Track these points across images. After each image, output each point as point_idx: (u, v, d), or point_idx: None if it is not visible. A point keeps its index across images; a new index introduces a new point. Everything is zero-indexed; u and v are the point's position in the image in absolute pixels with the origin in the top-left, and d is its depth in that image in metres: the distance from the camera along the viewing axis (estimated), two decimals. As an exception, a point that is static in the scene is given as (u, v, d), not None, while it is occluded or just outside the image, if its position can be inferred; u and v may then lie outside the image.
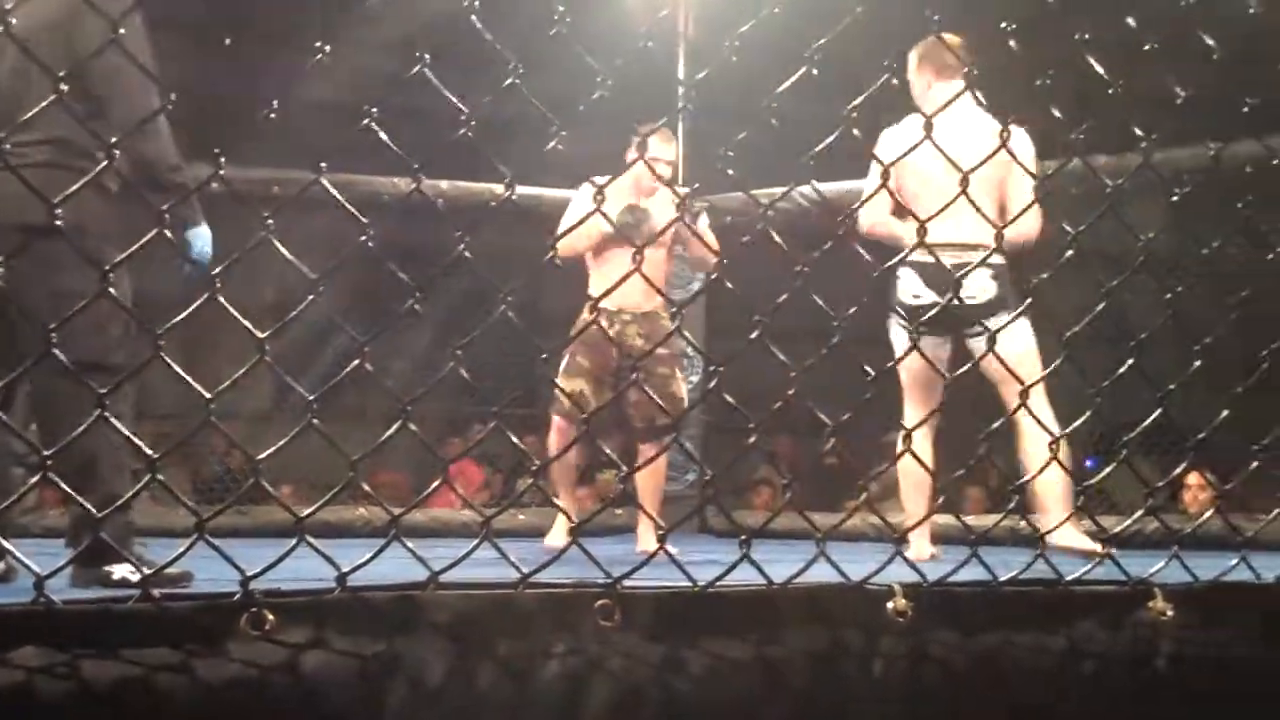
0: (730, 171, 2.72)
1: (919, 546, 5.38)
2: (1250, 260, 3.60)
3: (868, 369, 2.72)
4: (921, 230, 2.93)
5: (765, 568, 2.58)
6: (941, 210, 3.00)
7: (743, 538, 2.60)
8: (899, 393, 5.45)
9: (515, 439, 2.67)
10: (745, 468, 9.02)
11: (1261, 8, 3.37)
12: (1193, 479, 7.73)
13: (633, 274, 2.65)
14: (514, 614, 2.34)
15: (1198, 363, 3.12)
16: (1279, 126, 3.75)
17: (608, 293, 2.96)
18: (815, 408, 2.72)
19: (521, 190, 5.97)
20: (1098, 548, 3.11)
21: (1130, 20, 3.19)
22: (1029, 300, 4.82)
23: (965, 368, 3.39)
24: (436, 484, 2.52)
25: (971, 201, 3.01)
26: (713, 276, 5.21)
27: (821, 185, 3.29)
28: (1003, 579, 2.79)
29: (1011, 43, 3.15)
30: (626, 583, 2.45)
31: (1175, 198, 3.16)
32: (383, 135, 2.29)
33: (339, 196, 2.30)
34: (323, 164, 2.34)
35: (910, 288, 5.43)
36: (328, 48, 2.37)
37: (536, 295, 6.64)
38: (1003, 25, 3.00)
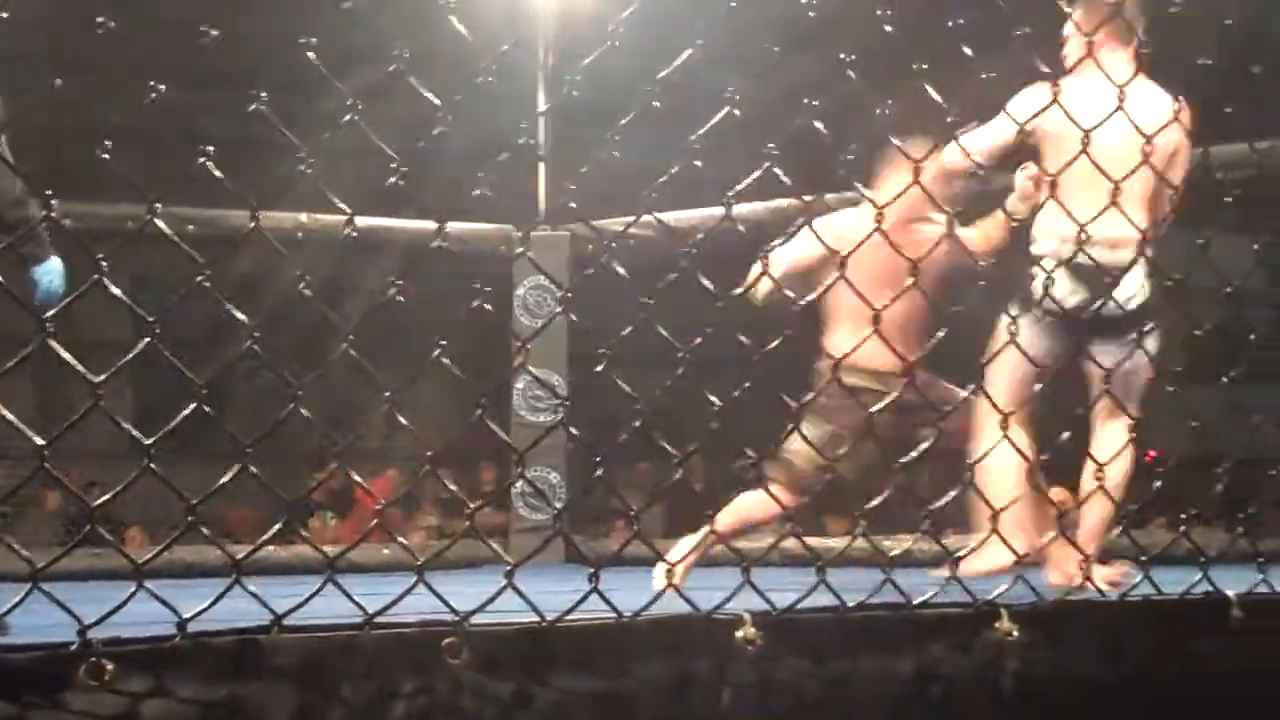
0: (573, 204, 2.72)
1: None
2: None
3: (713, 398, 2.73)
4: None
5: (623, 596, 2.58)
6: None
7: (591, 570, 2.60)
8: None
9: (358, 479, 2.65)
10: (611, 496, 8.98)
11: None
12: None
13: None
14: (360, 655, 2.31)
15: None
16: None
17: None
18: (664, 437, 2.72)
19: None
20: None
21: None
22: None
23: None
24: (277, 526, 2.49)
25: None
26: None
27: (669, 214, 3.31)
28: (851, 604, 2.81)
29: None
30: (477, 619, 2.44)
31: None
32: (215, 171, 2.26)
33: (170, 232, 2.27)
34: (157, 203, 2.30)
35: (1062, 287, 4.51)
36: (161, 87, 2.33)
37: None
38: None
